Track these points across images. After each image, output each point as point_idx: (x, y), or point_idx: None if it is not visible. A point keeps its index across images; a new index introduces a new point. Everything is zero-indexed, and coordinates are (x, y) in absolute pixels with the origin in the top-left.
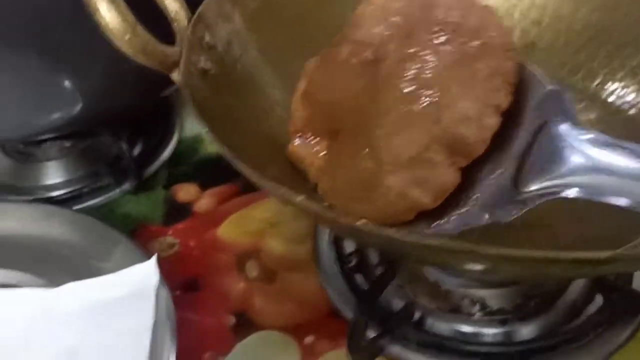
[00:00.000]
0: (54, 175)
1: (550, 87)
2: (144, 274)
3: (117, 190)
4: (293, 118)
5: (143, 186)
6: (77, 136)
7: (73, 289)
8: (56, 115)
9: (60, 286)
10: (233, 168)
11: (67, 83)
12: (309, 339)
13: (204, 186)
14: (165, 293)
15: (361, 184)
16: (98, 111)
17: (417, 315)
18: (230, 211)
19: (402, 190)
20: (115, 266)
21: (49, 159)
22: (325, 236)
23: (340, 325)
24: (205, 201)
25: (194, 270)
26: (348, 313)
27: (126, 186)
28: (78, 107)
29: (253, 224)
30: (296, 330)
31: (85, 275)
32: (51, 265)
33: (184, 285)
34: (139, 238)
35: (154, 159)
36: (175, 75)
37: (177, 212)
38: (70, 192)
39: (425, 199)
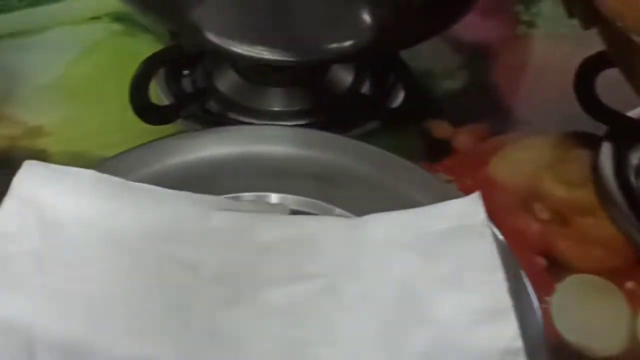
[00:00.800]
0: (284, 102)
1: None
2: (468, 209)
3: (367, 124)
4: None
5: (391, 121)
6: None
7: (389, 219)
8: (341, 43)
9: (365, 216)
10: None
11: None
12: (630, 285)
13: (454, 123)
14: (496, 231)
15: None
16: (375, 44)
17: None
18: (492, 151)
19: None
20: (417, 198)
21: (280, 84)
22: (609, 180)
23: None
24: (462, 139)
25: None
26: None
27: (376, 120)
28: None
29: (525, 166)
30: (612, 275)
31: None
32: (342, 194)
33: None
34: None
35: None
36: None
37: (437, 148)
38: (313, 122)
39: None
